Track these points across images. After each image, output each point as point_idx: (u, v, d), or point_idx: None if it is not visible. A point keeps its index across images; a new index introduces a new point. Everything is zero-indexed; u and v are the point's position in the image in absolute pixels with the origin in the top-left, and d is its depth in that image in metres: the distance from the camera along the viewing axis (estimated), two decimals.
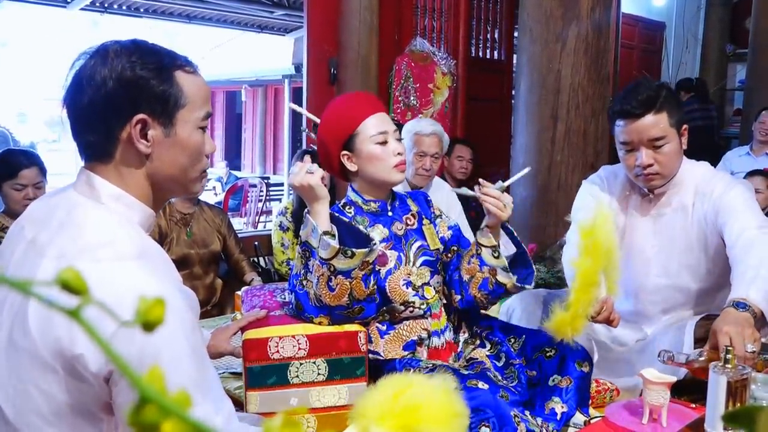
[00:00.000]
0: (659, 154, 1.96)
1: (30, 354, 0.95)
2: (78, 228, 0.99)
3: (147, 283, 0.94)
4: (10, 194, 2.61)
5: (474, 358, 1.80)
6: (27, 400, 0.96)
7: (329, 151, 1.76)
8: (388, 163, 1.73)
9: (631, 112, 1.94)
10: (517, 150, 3.60)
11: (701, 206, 2.02)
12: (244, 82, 13.85)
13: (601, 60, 3.43)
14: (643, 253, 2.12)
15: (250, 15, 8.78)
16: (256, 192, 7.47)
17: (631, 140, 1.96)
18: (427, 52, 4.53)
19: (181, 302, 0.97)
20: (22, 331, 0.95)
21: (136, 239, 1.01)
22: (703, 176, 2.05)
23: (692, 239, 2.04)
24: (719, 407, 1.45)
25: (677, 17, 7.56)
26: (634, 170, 2.00)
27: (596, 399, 1.88)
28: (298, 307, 1.65)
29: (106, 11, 8.03)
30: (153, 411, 0.30)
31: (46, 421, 0.96)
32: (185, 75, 1.08)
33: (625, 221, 2.14)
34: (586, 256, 1.68)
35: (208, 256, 2.97)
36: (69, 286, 0.34)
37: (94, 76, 1.02)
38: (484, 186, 1.72)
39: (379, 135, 1.73)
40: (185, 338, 0.95)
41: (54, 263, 0.95)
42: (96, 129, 1.05)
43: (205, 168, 1.16)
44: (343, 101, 1.81)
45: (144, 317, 0.34)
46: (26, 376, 0.96)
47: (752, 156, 4.32)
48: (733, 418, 0.33)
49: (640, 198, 2.12)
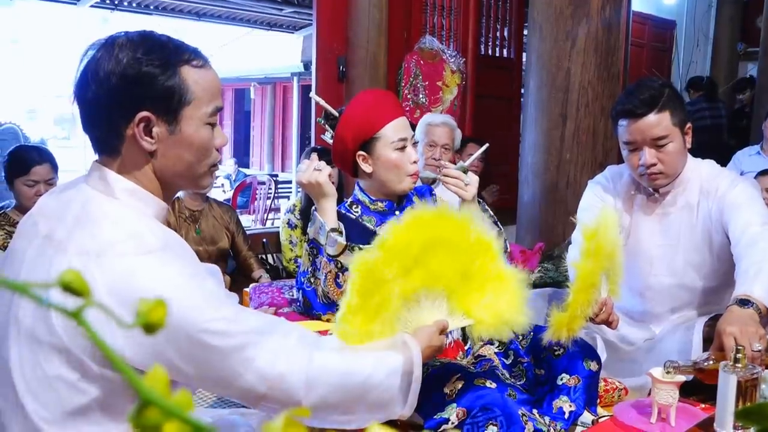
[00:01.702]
0: (663, 153, 1.95)
1: (56, 348, 0.95)
2: (96, 223, 0.98)
3: (173, 272, 0.96)
4: (22, 190, 2.63)
5: (482, 356, 1.80)
6: (53, 394, 0.96)
7: (346, 148, 1.75)
8: (403, 171, 1.74)
9: (634, 111, 1.93)
10: (526, 148, 3.59)
11: (706, 204, 2.01)
12: (253, 79, 13.88)
13: (611, 58, 3.41)
14: (649, 253, 2.11)
15: (259, 12, 8.80)
16: (265, 189, 7.48)
17: (634, 140, 1.95)
18: (436, 50, 4.52)
19: (212, 280, 1.01)
20: (47, 327, 0.95)
21: (158, 231, 1.01)
22: (708, 174, 2.04)
23: (698, 238, 2.04)
24: (729, 407, 1.44)
25: (688, 15, 7.52)
26: (638, 170, 1.99)
27: (604, 398, 1.88)
28: (305, 305, 1.66)
29: (116, 8, 8.07)
30: (155, 413, 0.30)
31: (69, 415, 0.96)
32: (192, 70, 1.05)
33: (630, 221, 2.13)
34: (588, 258, 1.67)
35: (217, 253, 2.98)
36: (71, 288, 0.34)
37: (98, 71, 1.01)
38: (444, 167, 1.74)
39: (399, 141, 1.73)
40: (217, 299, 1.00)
41: (77, 259, 0.95)
42: (101, 125, 1.04)
43: (215, 162, 1.14)
44: (368, 100, 1.78)
45: (145, 318, 0.34)
46: (53, 371, 0.95)
47: (763, 155, 4.28)
48: (746, 416, 0.33)
49: (646, 197, 2.11)
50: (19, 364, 0.98)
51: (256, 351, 1.00)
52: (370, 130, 1.73)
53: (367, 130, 1.73)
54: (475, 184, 1.72)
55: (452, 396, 1.50)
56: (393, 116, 1.74)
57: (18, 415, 0.98)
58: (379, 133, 1.72)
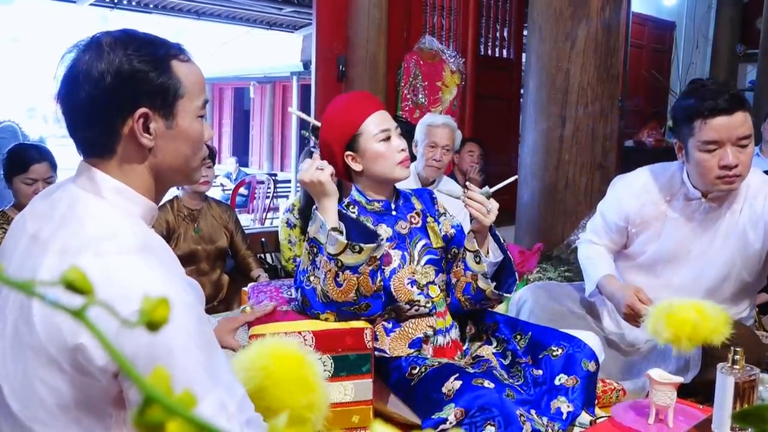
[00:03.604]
0: (743, 154, 1.88)
1: (35, 348, 0.95)
2: (79, 222, 0.98)
3: (152, 276, 0.93)
4: (21, 188, 2.63)
5: (480, 356, 1.80)
6: (33, 394, 0.96)
7: (333, 152, 1.76)
8: (392, 160, 1.74)
9: (726, 108, 1.86)
10: (525, 149, 3.59)
11: (749, 211, 2.00)
12: (253, 78, 13.88)
13: (611, 59, 3.41)
14: (679, 255, 2.09)
15: (259, 12, 8.80)
16: (264, 188, 7.48)
17: (720, 138, 1.87)
18: (435, 50, 4.52)
19: (188, 293, 0.97)
20: (27, 325, 0.95)
21: (139, 233, 1.00)
22: (755, 182, 2.01)
23: (733, 245, 2.02)
24: (727, 408, 1.45)
25: (687, 17, 7.53)
26: (715, 172, 1.90)
27: (602, 399, 1.88)
28: (304, 303, 1.66)
29: (116, 7, 8.07)
30: (158, 411, 0.30)
31: (51, 415, 0.96)
32: (181, 64, 1.07)
33: (662, 226, 2.10)
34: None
35: (215, 252, 2.98)
36: (74, 286, 0.33)
37: (90, 72, 1.00)
38: (470, 190, 1.73)
39: (381, 133, 1.73)
40: (193, 327, 0.94)
41: (57, 258, 0.95)
42: (95, 125, 1.04)
43: (205, 156, 1.16)
44: (343, 102, 1.80)
45: (148, 316, 0.34)
46: (32, 371, 0.96)
47: (762, 157, 4.28)
48: (743, 418, 0.33)
49: (684, 202, 2.07)
50: (3, 364, 0.99)
51: (202, 395, 0.93)
52: (351, 129, 1.73)
53: (348, 128, 1.73)
54: (495, 211, 1.72)
55: (450, 396, 1.50)
56: (371, 110, 1.74)
57: (6, 414, 0.99)
58: (361, 128, 1.73)
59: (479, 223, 1.74)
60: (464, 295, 1.81)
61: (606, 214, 2.22)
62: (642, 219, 2.12)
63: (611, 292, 2.06)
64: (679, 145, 2.00)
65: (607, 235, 2.22)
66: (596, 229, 2.26)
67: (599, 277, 2.12)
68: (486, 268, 1.76)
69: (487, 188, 1.75)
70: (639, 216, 2.12)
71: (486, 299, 1.80)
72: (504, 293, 1.80)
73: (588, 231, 2.31)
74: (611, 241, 2.22)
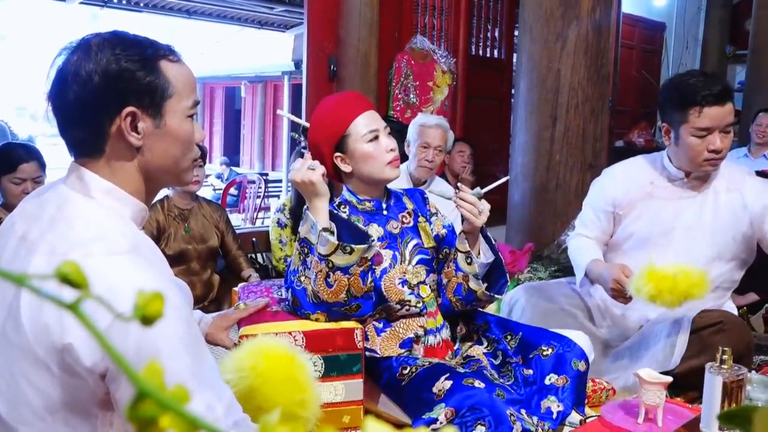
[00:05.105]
0: (726, 139, 2.06)
1: (22, 349, 0.94)
2: (68, 223, 0.98)
3: (141, 277, 0.93)
4: (9, 188, 2.61)
5: (471, 356, 1.80)
6: (19, 395, 0.96)
7: (322, 154, 1.75)
8: (381, 161, 1.73)
9: (720, 98, 2.03)
10: (516, 149, 3.60)
11: (734, 195, 2.13)
12: (244, 78, 13.85)
13: (601, 60, 3.43)
14: (665, 234, 2.18)
15: (250, 11, 8.78)
16: (255, 188, 7.47)
17: (711, 126, 2.03)
18: (427, 50, 4.52)
19: (176, 294, 0.97)
20: (15, 326, 0.95)
21: (128, 233, 1.00)
22: (736, 167, 2.22)
23: (717, 225, 2.13)
24: (715, 407, 1.46)
25: (677, 18, 7.56)
26: (704, 155, 2.06)
27: (592, 398, 1.89)
28: (294, 304, 1.65)
29: (106, 5, 8.03)
30: (151, 405, 0.30)
31: (38, 416, 0.96)
32: (170, 64, 1.07)
33: (646, 207, 2.21)
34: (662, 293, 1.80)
35: (206, 251, 2.97)
36: (69, 280, 0.34)
37: (79, 72, 1.01)
38: (461, 191, 1.73)
39: (370, 133, 1.72)
40: (182, 330, 0.94)
41: (45, 259, 0.95)
42: (84, 124, 1.04)
43: (196, 157, 1.16)
44: (331, 103, 1.79)
45: (142, 311, 0.34)
46: (19, 372, 0.95)
47: (750, 158, 4.32)
48: (729, 418, 0.33)
49: (668, 183, 2.20)
50: None
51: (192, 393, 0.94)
52: (339, 130, 1.73)
53: (336, 129, 1.73)
54: (486, 212, 1.72)
55: (441, 396, 1.50)
56: (359, 111, 1.74)
57: None
58: (349, 129, 1.72)
59: (471, 224, 1.74)
60: (455, 296, 1.81)
61: (592, 204, 2.32)
62: (629, 201, 2.23)
63: (599, 273, 2.13)
64: (667, 128, 2.14)
65: (596, 225, 2.30)
66: (584, 221, 2.34)
67: (587, 262, 2.19)
68: (477, 269, 1.76)
69: (478, 189, 1.74)
70: (626, 198, 2.23)
71: (477, 300, 1.80)
72: (495, 294, 1.80)
73: (577, 225, 2.38)
74: (600, 230, 2.30)
